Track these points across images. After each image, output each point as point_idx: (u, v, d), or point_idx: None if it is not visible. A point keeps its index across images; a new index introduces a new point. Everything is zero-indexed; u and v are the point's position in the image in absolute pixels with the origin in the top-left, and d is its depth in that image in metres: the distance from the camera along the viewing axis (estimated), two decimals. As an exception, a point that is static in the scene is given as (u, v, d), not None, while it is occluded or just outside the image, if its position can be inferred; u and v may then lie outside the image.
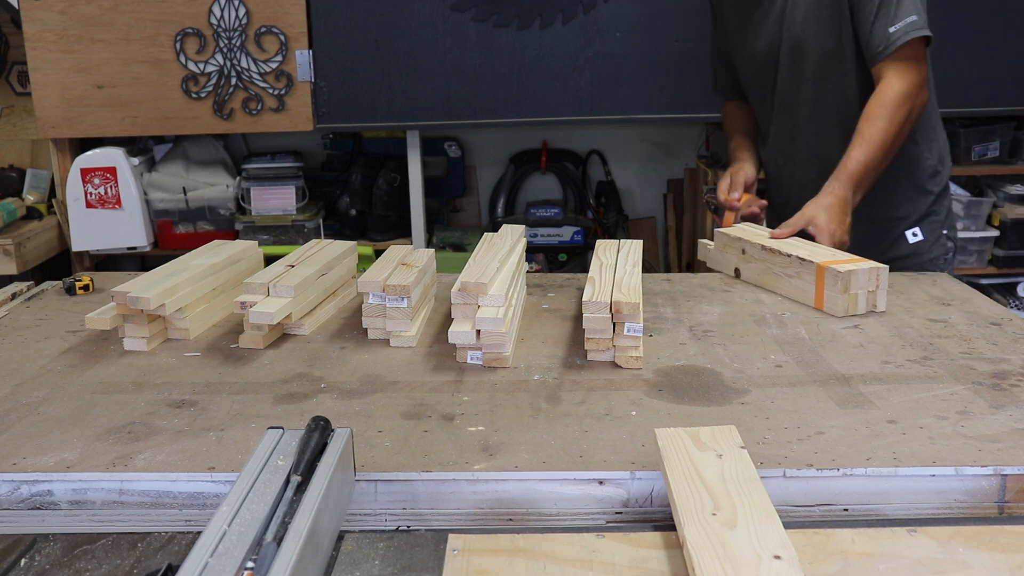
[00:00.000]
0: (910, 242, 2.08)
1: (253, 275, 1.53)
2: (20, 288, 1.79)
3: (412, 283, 1.46)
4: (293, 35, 3.25)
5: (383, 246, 3.49)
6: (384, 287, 1.45)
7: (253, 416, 1.18)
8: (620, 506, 1.01)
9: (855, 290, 1.57)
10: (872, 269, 1.58)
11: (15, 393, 1.27)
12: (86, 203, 3.39)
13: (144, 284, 1.45)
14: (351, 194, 3.72)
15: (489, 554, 0.86)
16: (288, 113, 3.31)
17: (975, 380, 1.28)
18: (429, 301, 1.64)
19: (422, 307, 1.57)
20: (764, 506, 0.86)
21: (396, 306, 1.45)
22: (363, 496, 1.02)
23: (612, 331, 1.35)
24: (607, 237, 3.74)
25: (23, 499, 1.03)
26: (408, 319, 1.45)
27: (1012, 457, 1.04)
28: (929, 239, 2.09)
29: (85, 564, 0.89)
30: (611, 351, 1.36)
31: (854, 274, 1.57)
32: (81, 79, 3.28)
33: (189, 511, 1.02)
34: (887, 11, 1.83)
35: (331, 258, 1.63)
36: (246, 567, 0.76)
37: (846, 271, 1.57)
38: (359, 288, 1.47)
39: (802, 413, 1.17)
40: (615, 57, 3.29)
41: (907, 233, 2.07)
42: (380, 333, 1.48)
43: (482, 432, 1.13)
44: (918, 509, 1.02)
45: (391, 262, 1.56)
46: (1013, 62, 3.25)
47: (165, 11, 3.24)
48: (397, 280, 1.46)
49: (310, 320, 1.54)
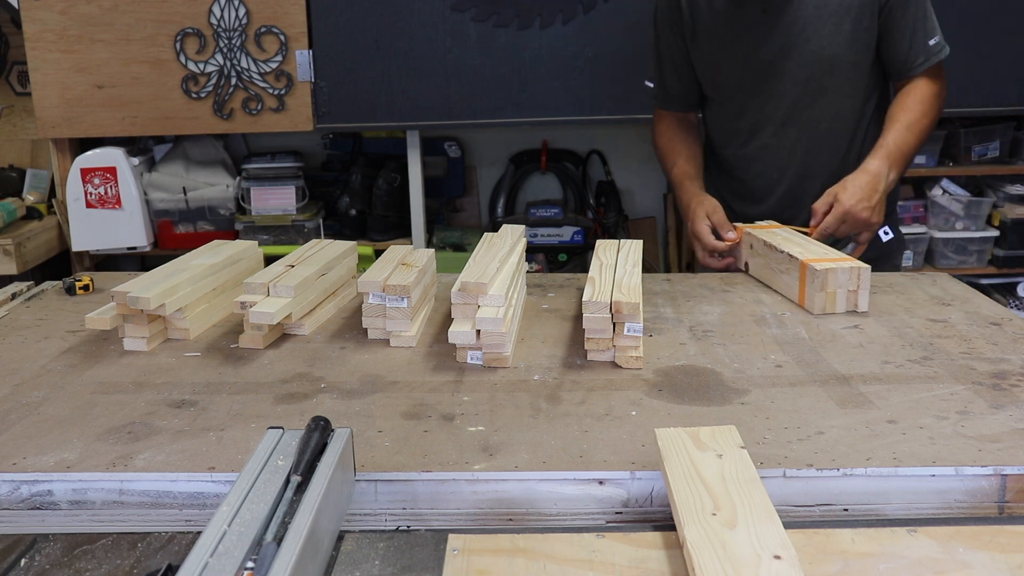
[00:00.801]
0: (883, 240, 2.10)
1: (253, 275, 1.53)
2: (20, 288, 1.79)
3: (412, 283, 1.46)
4: (293, 35, 3.25)
5: (383, 246, 3.49)
6: (384, 287, 1.45)
7: (253, 416, 1.18)
8: (620, 506, 1.01)
9: (833, 288, 1.59)
10: (853, 268, 1.59)
11: (15, 393, 1.27)
12: (86, 203, 3.39)
13: (144, 284, 1.45)
14: (351, 194, 3.72)
15: (489, 554, 0.86)
16: (288, 113, 3.31)
17: (975, 380, 1.28)
18: (429, 301, 1.64)
19: (422, 307, 1.57)
20: (764, 506, 0.86)
21: (396, 306, 1.45)
22: (363, 496, 1.02)
23: (612, 331, 1.35)
24: (607, 237, 3.74)
25: (23, 499, 1.03)
26: (408, 319, 1.45)
27: (1012, 457, 1.04)
28: (896, 236, 2.14)
29: (85, 564, 0.89)
30: (611, 351, 1.36)
31: (832, 272, 1.58)
32: (81, 79, 3.28)
33: (189, 511, 1.02)
34: (924, 25, 1.95)
35: (331, 258, 1.63)
36: (246, 567, 0.76)
37: (823, 269, 1.58)
38: (359, 288, 1.47)
39: (802, 413, 1.17)
40: (615, 57, 3.28)
41: (879, 233, 2.09)
42: (380, 333, 1.48)
43: (482, 432, 1.13)
44: (918, 509, 1.02)
45: (391, 262, 1.56)
46: (1013, 62, 3.25)
47: (165, 11, 3.24)
48: (397, 280, 1.46)
49: (310, 320, 1.54)
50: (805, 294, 1.62)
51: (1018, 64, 3.26)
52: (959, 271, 3.44)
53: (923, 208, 3.52)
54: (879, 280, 1.79)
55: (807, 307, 1.62)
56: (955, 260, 3.51)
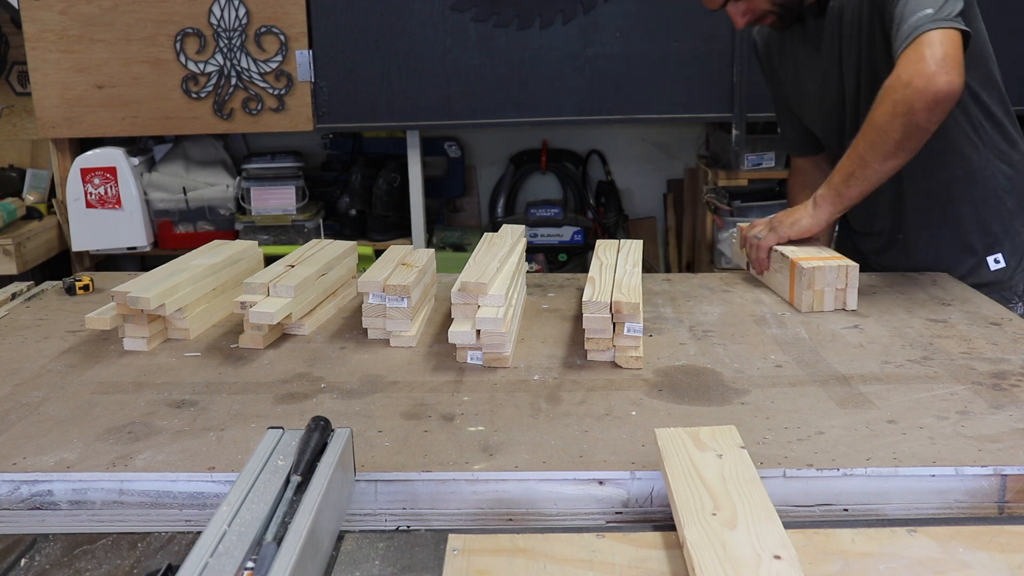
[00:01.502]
0: (991, 269, 1.84)
1: (253, 275, 1.53)
2: (20, 288, 1.79)
3: (412, 283, 1.46)
4: (293, 35, 3.25)
5: (383, 246, 3.49)
6: (384, 287, 1.45)
7: (253, 416, 1.18)
8: (620, 506, 1.01)
9: (820, 287, 1.60)
10: (841, 267, 1.60)
11: (15, 393, 1.27)
12: (86, 203, 3.39)
13: (144, 284, 1.45)
14: (351, 194, 3.72)
15: (489, 554, 0.86)
16: (288, 113, 3.31)
17: (975, 380, 1.28)
18: (429, 301, 1.64)
19: (422, 307, 1.57)
20: (764, 506, 0.86)
21: (396, 306, 1.45)
22: (363, 496, 1.02)
23: (612, 331, 1.35)
24: (607, 237, 3.74)
25: (23, 499, 1.03)
26: (408, 319, 1.45)
27: (1012, 457, 1.04)
28: (1012, 264, 1.84)
29: (85, 564, 0.89)
30: (611, 351, 1.36)
31: (819, 271, 1.59)
32: (81, 79, 3.28)
33: (189, 511, 1.02)
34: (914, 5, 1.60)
35: (331, 258, 1.63)
36: (246, 567, 0.76)
37: (811, 267, 1.59)
38: (359, 288, 1.47)
39: (802, 413, 1.17)
40: (615, 57, 3.29)
41: (988, 260, 1.84)
42: (380, 333, 1.48)
43: (482, 432, 1.13)
44: (918, 509, 1.02)
45: (391, 262, 1.56)
46: (1013, 62, 3.24)
47: (165, 11, 3.24)
48: (397, 280, 1.45)
49: (310, 320, 1.54)
50: (794, 292, 1.64)
51: (1018, 64, 3.26)
52: (959, 271, 3.44)
53: (923, 208, 3.52)
54: (879, 280, 1.79)
55: (795, 305, 1.63)
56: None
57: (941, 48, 1.54)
